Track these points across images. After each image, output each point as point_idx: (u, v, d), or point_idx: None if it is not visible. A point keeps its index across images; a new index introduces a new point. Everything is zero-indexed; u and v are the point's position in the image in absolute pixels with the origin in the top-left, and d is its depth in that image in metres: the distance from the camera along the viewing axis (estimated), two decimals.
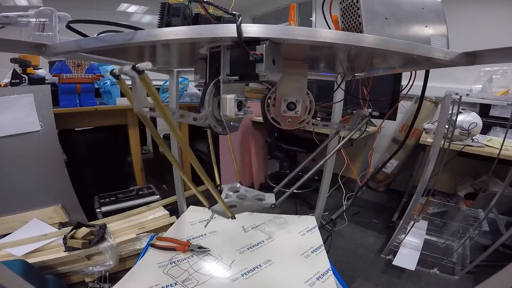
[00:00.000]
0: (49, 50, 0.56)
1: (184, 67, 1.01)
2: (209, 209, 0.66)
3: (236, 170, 1.00)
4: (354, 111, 0.83)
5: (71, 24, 0.52)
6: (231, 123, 0.59)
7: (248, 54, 0.45)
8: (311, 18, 3.06)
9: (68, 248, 1.19)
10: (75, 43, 0.52)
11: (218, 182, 0.92)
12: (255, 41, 0.46)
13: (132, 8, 3.25)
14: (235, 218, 0.65)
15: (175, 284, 0.71)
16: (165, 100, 1.92)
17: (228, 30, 0.42)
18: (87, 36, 0.53)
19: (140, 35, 0.45)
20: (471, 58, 0.49)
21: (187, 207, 1.15)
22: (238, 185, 0.90)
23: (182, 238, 0.90)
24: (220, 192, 0.83)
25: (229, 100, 0.54)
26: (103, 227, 1.32)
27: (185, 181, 1.98)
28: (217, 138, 2.10)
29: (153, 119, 2.93)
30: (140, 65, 0.31)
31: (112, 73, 0.32)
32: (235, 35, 0.41)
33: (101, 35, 0.49)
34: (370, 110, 0.79)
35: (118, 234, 1.35)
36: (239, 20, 0.42)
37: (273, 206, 0.71)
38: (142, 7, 3.26)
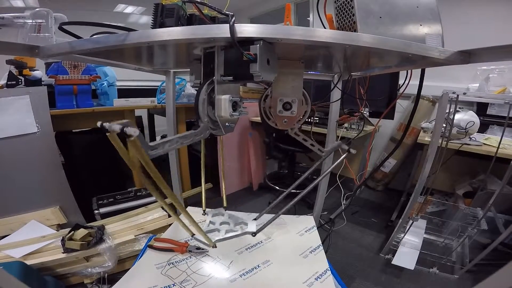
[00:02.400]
0: (43, 52, 0.55)
1: (181, 68, 1.01)
2: (192, 237, 0.70)
3: (224, 197, 1.01)
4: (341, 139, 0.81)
5: (63, 26, 0.51)
6: (226, 124, 0.59)
7: (242, 54, 0.45)
8: (308, 18, 3.06)
9: (67, 250, 1.19)
10: (69, 44, 0.51)
11: (203, 208, 0.96)
12: (249, 41, 0.45)
13: (129, 9, 3.24)
14: (216, 247, 0.69)
15: (173, 285, 0.71)
16: (162, 101, 1.92)
17: (221, 31, 0.42)
18: (81, 37, 0.52)
19: (133, 36, 0.45)
20: (466, 56, 0.49)
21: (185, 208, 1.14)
22: (223, 210, 0.93)
23: (180, 239, 0.89)
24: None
25: (224, 100, 0.54)
26: (102, 228, 1.32)
27: (183, 181, 1.97)
28: (215, 140, 2.09)
29: (151, 120, 2.93)
30: (128, 130, 0.30)
31: (101, 127, 0.31)
32: (228, 35, 0.41)
33: (94, 36, 0.49)
34: (349, 148, 0.75)
35: (116, 235, 1.34)
36: (232, 20, 0.42)
37: (253, 235, 0.76)
38: (139, 8, 3.25)
